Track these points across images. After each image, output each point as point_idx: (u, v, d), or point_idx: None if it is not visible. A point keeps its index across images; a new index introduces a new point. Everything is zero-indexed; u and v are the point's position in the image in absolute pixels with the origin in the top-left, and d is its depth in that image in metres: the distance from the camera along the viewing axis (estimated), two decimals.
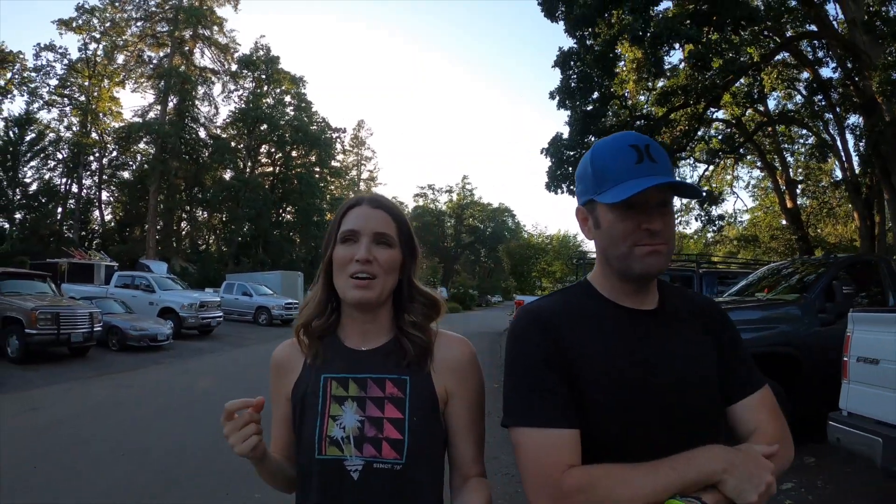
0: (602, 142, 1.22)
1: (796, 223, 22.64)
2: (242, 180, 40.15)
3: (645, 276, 1.18)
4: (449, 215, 71.00)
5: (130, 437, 6.44)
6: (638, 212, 1.13)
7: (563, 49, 12.08)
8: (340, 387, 1.27)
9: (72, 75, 42.16)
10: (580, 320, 1.21)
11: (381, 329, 1.32)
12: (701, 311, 1.31)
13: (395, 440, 1.22)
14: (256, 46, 44.12)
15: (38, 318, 10.97)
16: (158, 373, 11.17)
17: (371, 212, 1.29)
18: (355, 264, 1.23)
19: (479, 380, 1.35)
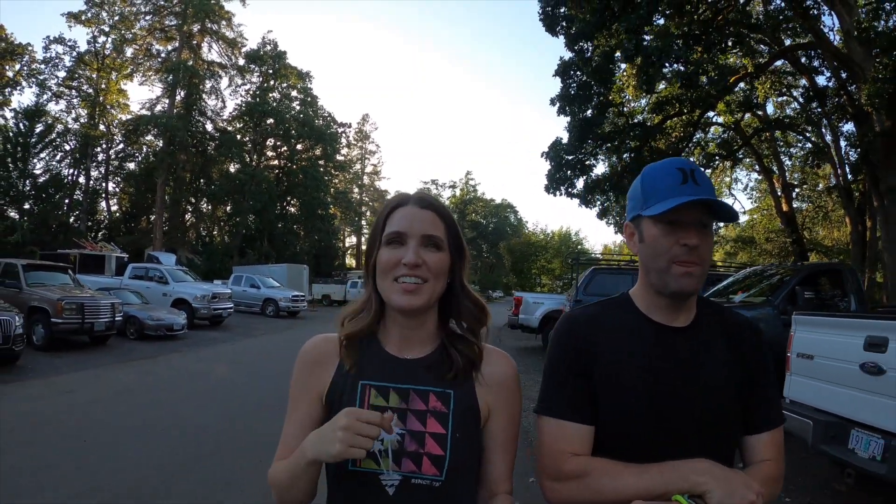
0: (652, 165, 1.33)
1: (791, 226, 23.23)
2: (248, 173, 40.79)
3: (678, 294, 1.27)
4: (452, 210, 71.35)
5: (160, 417, 7.16)
6: (678, 228, 1.23)
7: (563, 59, 12.77)
8: (380, 396, 1.22)
9: (80, 67, 42.73)
10: (610, 331, 1.32)
11: (426, 337, 1.29)
12: (735, 331, 1.36)
13: (436, 456, 1.19)
14: (264, 41, 44.81)
15: (63, 308, 11.69)
16: (176, 360, 11.90)
17: (419, 212, 1.24)
18: (402, 268, 1.19)
19: (520, 398, 1.34)
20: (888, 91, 13.76)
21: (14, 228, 32.73)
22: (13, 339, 9.61)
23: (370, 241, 1.28)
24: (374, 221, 1.29)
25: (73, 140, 41.79)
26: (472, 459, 1.26)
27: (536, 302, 15.58)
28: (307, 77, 46.26)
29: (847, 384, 4.17)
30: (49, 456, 5.40)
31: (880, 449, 3.87)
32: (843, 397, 4.21)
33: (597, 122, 13.14)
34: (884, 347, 3.91)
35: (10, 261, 13.57)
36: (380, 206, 28.35)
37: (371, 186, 64.92)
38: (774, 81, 19.51)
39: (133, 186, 44.90)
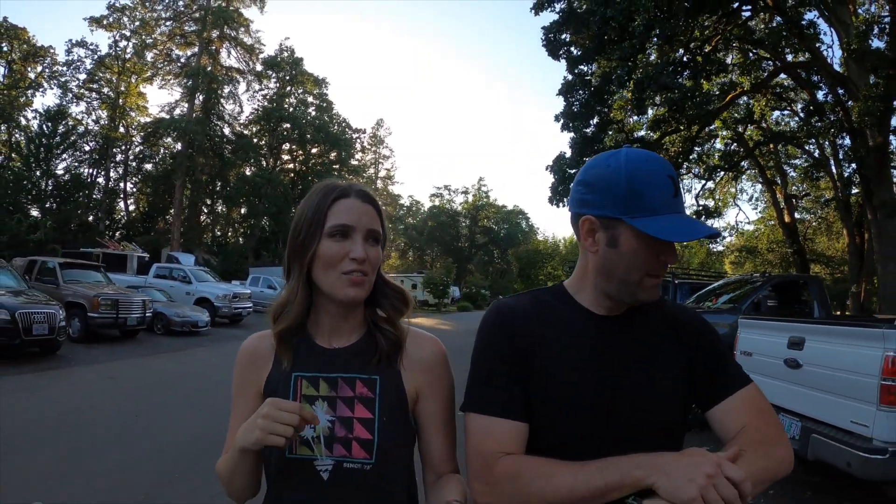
0: (639, 162, 1.17)
1: (793, 237, 23.93)
2: (265, 177, 41.88)
3: (643, 303, 1.23)
4: (464, 216, 72.71)
5: (197, 400, 8.18)
6: (662, 244, 1.16)
7: (566, 79, 13.70)
8: (311, 386, 1.26)
9: (100, 70, 44.07)
10: (545, 322, 1.24)
11: (353, 326, 1.32)
12: (675, 321, 1.30)
13: (364, 440, 1.22)
14: (281, 48, 46.00)
15: (99, 304, 12.77)
16: (203, 354, 12.94)
17: (362, 206, 1.27)
18: (350, 262, 1.21)
19: (450, 378, 1.36)
20: (879, 109, 14.47)
21: (37, 227, 33.99)
22: (57, 330, 10.69)
23: (304, 230, 1.25)
24: (309, 209, 1.26)
25: (92, 141, 43.17)
26: (405, 442, 1.29)
27: None
28: (323, 83, 47.45)
29: (775, 376, 5.08)
30: (113, 427, 6.44)
31: (798, 430, 4.77)
32: (773, 387, 5.10)
33: (598, 138, 14.08)
34: (801, 346, 4.82)
35: (48, 259, 14.73)
36: (393, 210, 29.68)
37: (384, 191, 65.98)
38: (770, 98, 20.25)
39: (151, 187, 46.14)
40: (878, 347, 3.94)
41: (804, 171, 23.58)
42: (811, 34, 17.03)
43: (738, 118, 18.16)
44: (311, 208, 1.26)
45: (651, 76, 11.25)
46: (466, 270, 71.22)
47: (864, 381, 4.00)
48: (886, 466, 3.84)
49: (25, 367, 9.75)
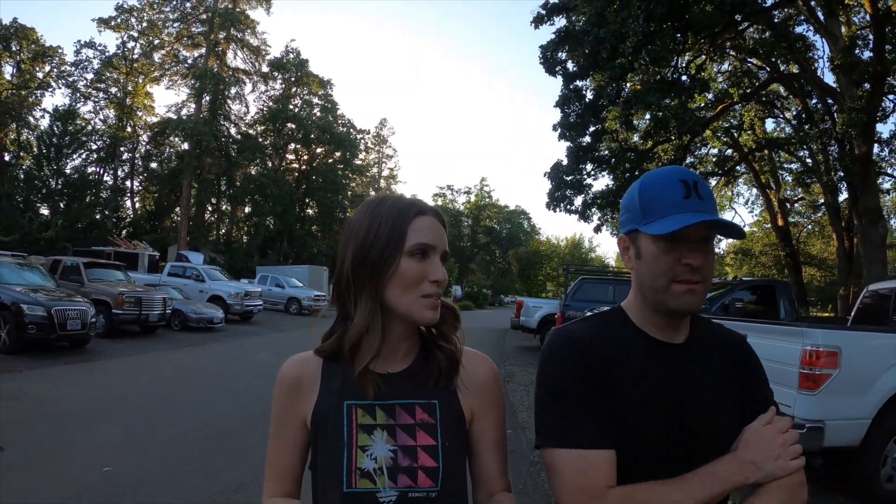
0: (651, 174, 1.24)
1: (786, 240, 24.80)
2: (270, 177, 42.79)
3: (679, 313, 1.21)
4: (466, 216, 73.93)
5: (221, 386, 9.16)
6: (680, 245, 1.16)
7: (563, 92, 14.60)
8: (367, 414, 1.20)
9: (107, 69, 44.90)
10: (612, 347, 1.24)
11: (408, 349, 1.27)
12: (729, 347, 1.32)
13: (430, 468, 1.18)
14: (287, 50, 46.94)
15: (124, 301, 13.72)
16: (220, 348, 13.90)
17: (439, 226, 1.23)
18: (430, 284, 1.18)
19: (503, 397, 1.33)
20: (863, 120, 15.24)
21: (48, 225, 34.90)
22: (88, 325, 11.65)
23: (379, 247, 1.18)
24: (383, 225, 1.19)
25: (99, 140, 43.99)
26: (463, 465, 1.26)
27: (535, 306, 17.65)
28: (328, 85, 48.40)
29: None
30: (156, 408, 7.40)
31: None
32: None
33: (593, 147, 14.99)
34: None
35: (72, 259, 15.70)
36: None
37: (388, 190, 66.94)
38: (760, 109, 21.11)
39: (157, 186, 47.11)
40: (798, 342, 4.86)
41: (797, 176, 24.45)
42: (800, 46, 17.94)
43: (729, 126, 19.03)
44: (386, 223, 1.19)
45: (638, 95, 12.21)
46: (468, 270, 72.34)
47: (789, 370, 4.91)
48: (804, 440, 4.74)
49: (61, 360, 10.72)
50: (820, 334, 4.83)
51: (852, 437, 4.95)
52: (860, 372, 4.90)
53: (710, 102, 19.49)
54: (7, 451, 5.41)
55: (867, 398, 4.96)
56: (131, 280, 16.19)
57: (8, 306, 10.89)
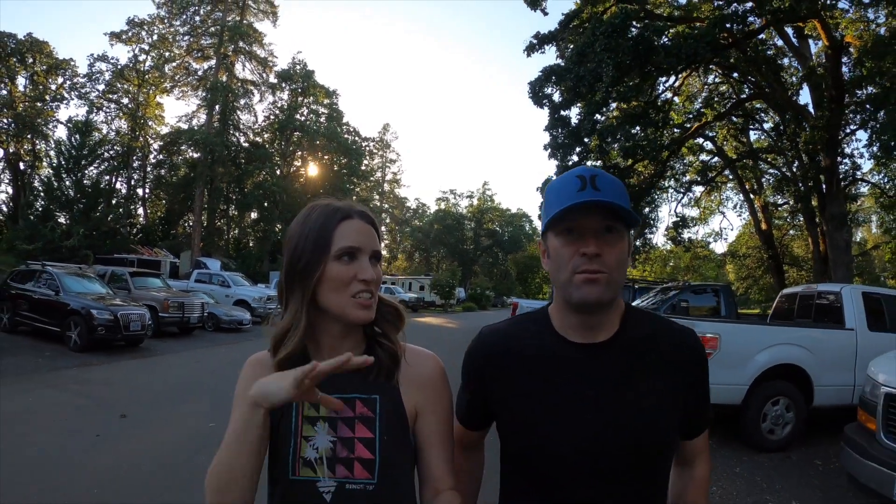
0: (557, 178, 1.31)
1: (768, 243, 26.79)
2: (279, 185, 44.96)
3: (582, 304, 1.23)
4: (469, 219, 76.43)
5: None
6: (577, 237, 1.21)
7: (550, 119, 16.75)
8: (312, 407, 1.28)
9: (118, 81, 46.87)
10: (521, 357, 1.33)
11: (352, 345, 1.33)
12: (672, 343, 1.31)
13: (366, 460, 1.25)
14: (294, 62, 49.14)
15: (169, 306, 15.94)
16: (251, 346, 15.98)
17: (366, 228, 1.30)
18: (359, 284, 1.24)
19: (449, 394, 1.39)
20: (824, 137, 17.16)
21: (69, 234, 36.95)
22: (145, 327, 13.87)
23: (306, 253, 1.26)
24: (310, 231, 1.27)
25: (112, 150, 45.88)
26: (405, 461, 1.31)
27: (529, 306, 19.97)
28: (334, 95, 50.61)
29: None
30: (226, 389, 9.59)
31: None
32: None
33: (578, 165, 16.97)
34: None
35: (118, 269, 17.95)
36: (399, 213, 33.81)
37: (391, 194, 69.20)
38: (733, 127, 23.19)
39: (169, 194, 49.16)
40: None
41: (776, 183, 26.41)
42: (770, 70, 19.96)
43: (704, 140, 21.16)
44: (313, 230, 1.27)
45: (608, 129, 14.34)
46: (471, 272, 74.64)
47: None
48: None
49: (125, 356, 12.93)
50: (706, 325, 7.03)
51: (734, 397, 7.15)
52: (737, 351, 7.08)
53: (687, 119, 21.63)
54: (128, 419, 7.60)
55: (745, 370, 7.15)
56: (170, 287, 18.42)
57: (78, 311, 13.10)
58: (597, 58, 13.36)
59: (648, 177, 18.63)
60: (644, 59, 13.24)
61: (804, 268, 28.94)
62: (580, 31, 17.23)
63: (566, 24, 17.91)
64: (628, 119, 14.65)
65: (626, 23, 13.54)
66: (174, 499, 4.93)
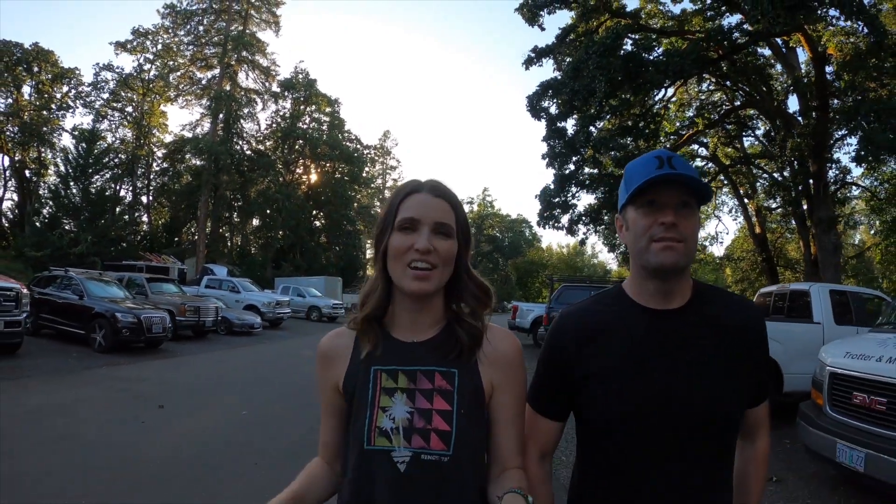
0: (635, 160, 1.43)
1: (762, 246, 27.59)
2: (284, 193, 45.86)
3: (660, 269, 1.33)
4: (469, 225, 76.64)
5: (289, 370, 12.25)
6: (656, 209, 1.32)
7: (547, 130, 17.69)
8: (390, 378, 1.33)
9: (123, 89, 47.84)
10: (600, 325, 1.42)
11: (432, 320, 1.39)
12: (740, 314, 1.43)
13: (443, 431, 1.28)
14: (296, 71, 50.17)
15: (186, 310, 16.82)
16: (264, 348, 17.01)
17: (432, 200, 1.34)
18: (414, 253, 1.28)
19: (524, 374, 1.42)
20: (810, 144, 17.93)
21: (77, 241, 37.81)
22: (166, 329, 14.74)
23: (381, 226, 1.36)
24: (387, 206, 1.37)
25: (116, 158, 46.50)
26: (479, 435, 1.35)
27: (528, 309, 21.09)
28: (335, 103, 51.59)
29: None
30: (251, 383, 10.50)
31: None
32: None
33: (574, 175, 18.06)
34: None
35: (135, 275, 18.84)
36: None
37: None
38: (724, 135, 24.07)
39: (173, 202, 50.00)
40: None
41: (768, 188, 27.21)
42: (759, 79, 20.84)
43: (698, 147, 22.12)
44: (386, 205, 1.38)
45: (601, 141, 15.29)
46: None
47: None
48: None
49: (147, 357, 13.78)
50: None
51: None
52: None
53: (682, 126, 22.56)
54: (165, 409, 8.47)
55: None
56: (184, 292, 19.31)
57: (103, 314, 13.97)
58: (590, 74, 14.28)
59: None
60: (634, 75, 14.17)
61: (798, 270, 29.69)
62: (577, 44, 18.21)
63: (563, 37, 18.87)
64: (620, 131, 15.57)
65: (617, 42, 14.48)
66: (216, 476, 5.73)
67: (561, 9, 18.21)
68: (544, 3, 17.50)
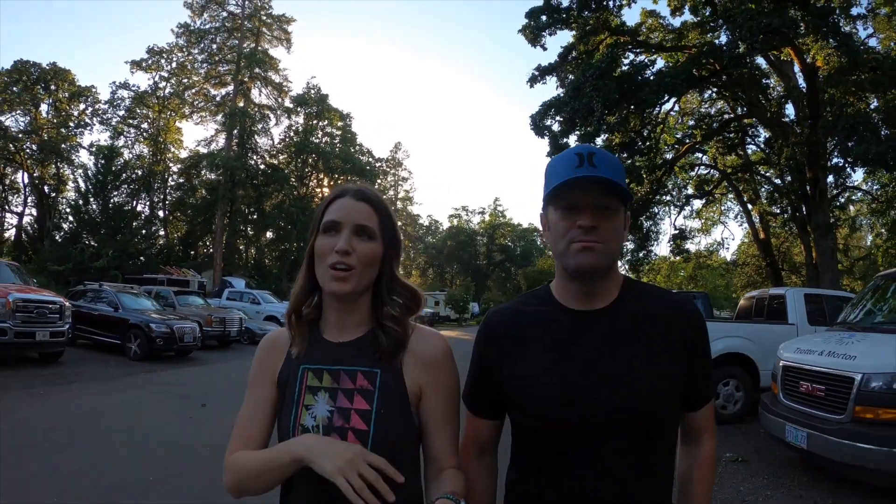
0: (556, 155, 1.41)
1: (766, 251, 28.40)
2: (298, 206, 47.08)
3: (578, 271, 1.33)
4: (481, 234, 78.45)
5: None
6: (575, 212, 1.31)
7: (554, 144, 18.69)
8: (315, 377, 1.38)
9: (139, 106, 49.32)
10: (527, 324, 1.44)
11: (359, 321, 1.43)
12: (671, 312, 1.40)
13: (360, 431, 1.31)
14: (308, 86, 51.44)
15: (212, 321, 17.99)
16: None
17: (354, 203, 1.39)
18: (334, 255, 1.33)
19: (454, 374, 1.45)
20: (805, 153, 18.76)
21: (98, 255, 39.00)
22: (196, 339, 15.89)
23: (310, 230, 1.44)
24: (316, 211, 1.45)
25: (134, 174, 47.70)
26: (404, 438, 1.38)
27: None
28: (347, 117, 52.96)
29: None
30: None
31: None
32: None
33: None
34: None
35: (163, 288, 20.04)
36: (412, 229, 36.34)
37: (403, 211, 71.17)
38: (721, 145, 25.00)
39: (188, 217, 51.40)
40: None
41: (769, 194, 28.01)
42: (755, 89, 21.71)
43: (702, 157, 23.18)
44: (318, 210, 1.45)
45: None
46: (485, 286, 76.68)
47: None
48: None
49: (180, 364, 14.95)
50: None
51: None
52: None
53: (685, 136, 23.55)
54: (207, 407, 9.58)
55: None
56: (209, 304, 20.51)
57: (138, 325, 15.16)
58: (588, 94, 15.35)
59: (644, 195, 20.41)
60: (630, 95, 15.24)
61: (803, 273, 30.44)
62: (578, 61, 19.26)
63: (565, 56, 19.96)
64: (619, 147, 16.62)
65: (612, 66, 15.57)
66: None
67: (561, 29, 19.30)
68: (545, 25, 18.60)
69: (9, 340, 11.98)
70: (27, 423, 7.86)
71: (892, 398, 5.40)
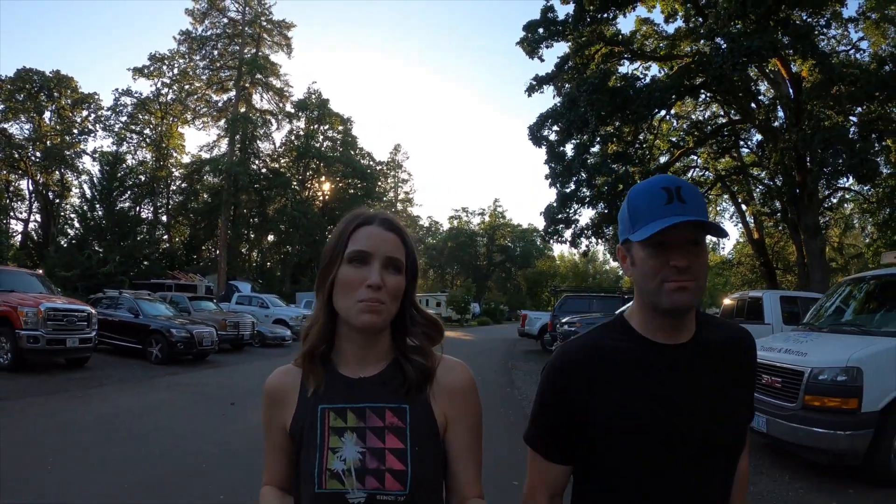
0: (638, 185, 1.39)
1: (760, 251, 29.19)
2: (300, 210, 48.04)
3: (672, 311, 1.32)
4: (481, 235, 79.58)
5: None
6: (667, 249, 1.28)
7: (548, 153, 19.75)
8: (339, 418, 1.31)
9: (141, 113, 50.14)
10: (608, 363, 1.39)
11: (379, 355, 1.37)
12: (735, 341, 1.47)
13: (398, 471, 1.26)
14: (309, 91, 52.59)
15: (227, 325, 18.98)
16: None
17: (383, 233, 1.34)
18: (366, 290, 1.26)
19: (478, 404, 1.41)
20: (794, 157, 19.63)
21: (105, 261, 39.83)
22: (213, 343, 16.89)
23: (328, 256, 1.34)
24: (335, 237, 1.36)
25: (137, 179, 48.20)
26: (435, 471, 1.34)
27: (536, 317, 23.33)
28: (348, 122, 53.98)
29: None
30: None
31: None
32: None
33: (575, 194, 20.13)
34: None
35: (178, 294, 21.02)
36: (412, 231, 37.26)
37: (404, 213, 71.99)
38: (713, 151, 26.03)
39: (192, 221, 52.32)
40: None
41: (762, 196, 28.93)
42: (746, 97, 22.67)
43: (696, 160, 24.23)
44: (335, 235, 1.36)
45: (596, 166, 17.36)
46: (485, 287, 77.70)
47: None
48: None
49: (200, 367, 15.89)
50: None
51: None
52: None
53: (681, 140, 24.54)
54: (236, 405, 10.55)
55: None
56: (221, 308, 21.52)
57: (159, 330, 16.15)
58: (583, 108, 16.40)
59: None
60: (622, 107, 16.30)
61: (795, 273, 31.36)
62: (574, 71, 20.29)
63: (561, 66, 21.01)
64: (613, 157, 17.70)
65: (605, 82, 16.64)
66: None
67: (558, 41, 20.35)
68: (542, 38, 19.65)
69: (41, 347, 13.00)
70: (76, 422, 8.80)
71: (836, 389, 6.41)
